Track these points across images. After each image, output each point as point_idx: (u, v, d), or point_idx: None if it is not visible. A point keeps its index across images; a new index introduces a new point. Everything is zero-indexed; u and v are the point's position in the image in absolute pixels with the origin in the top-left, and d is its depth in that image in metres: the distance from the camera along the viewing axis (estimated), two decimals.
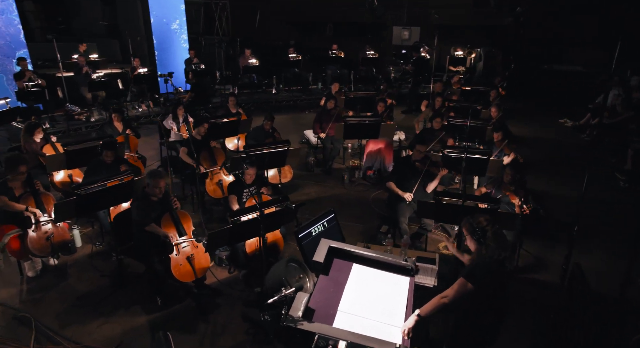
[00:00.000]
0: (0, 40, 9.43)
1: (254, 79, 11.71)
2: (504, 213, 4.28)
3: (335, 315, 2.61)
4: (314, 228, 3.34)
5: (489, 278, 2.64)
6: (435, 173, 5.00)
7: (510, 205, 4.74)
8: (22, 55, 9.48)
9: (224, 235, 3.75)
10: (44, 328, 3.95)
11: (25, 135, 5.59)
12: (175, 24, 11.82)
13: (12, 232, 4.34)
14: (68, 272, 4.76)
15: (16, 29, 9.60)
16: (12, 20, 9.52)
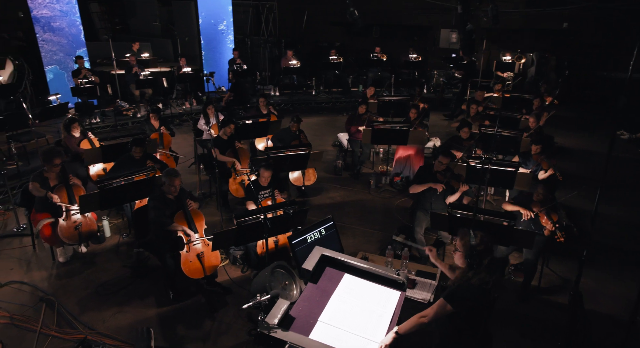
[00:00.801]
0: (63, 39, 10.17)
1: (294, 80, 11.83)
2: (520, 231, 4.06)
3: (315, 325, 2.60)
4: (309, 235, 3.34)
5: (471, 302, 2.52)
6: (455, 187, 4.82)
7: (536, 226, 4.47)
8: (81, 53, 10.19)
9: (230, 235, 3.84)
10: (65, 312, 4.23)
11: (64, 130, 6.00)
12: (222, 25, 12.19)
13: (45, 219, 4.68)
14: (94, 260, 5.06)
15: (77, 29, 10.30)
16: (75, 21, 10.23)
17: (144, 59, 11.14)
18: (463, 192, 4.77)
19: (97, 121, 9.31)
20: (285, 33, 14.31)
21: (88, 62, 10.30)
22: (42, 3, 9.67)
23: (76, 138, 6.10)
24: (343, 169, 7.50)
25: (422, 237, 4.88)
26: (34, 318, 4.15)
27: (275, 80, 12.46)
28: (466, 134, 6.27)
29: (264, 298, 2.44)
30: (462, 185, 4.75)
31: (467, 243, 2.59)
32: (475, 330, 2.65)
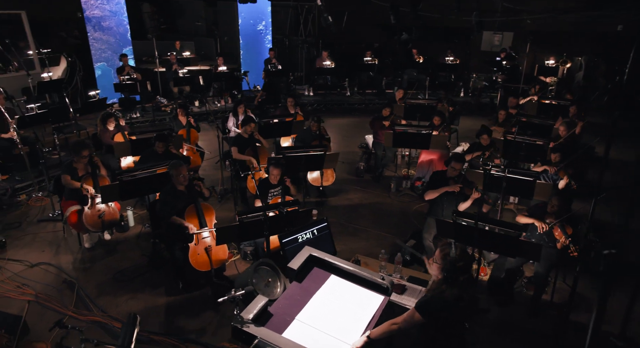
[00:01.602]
0: (112, 38, 10.78)
1: (328, 81, 11.91)
2: (527, 242, 3.92)
3: (291, 324, 2.66)
4: (301, 234, 3.40)
5: (441, 315, 2.48)
6: (468, 194, 4.71)
7: (550, 238, 4.30)
8: (126, 52, 10.76)
9: (232, 231, 3.97)
10: (84, 295, 4.54)
11: (100, 123, 6.39)
12: (261, 25, 12.47)
13: (72, 207, 5.02)
14: (117, 248, 5.38)
15: (125, 28, 10.89)
16: (122, 21, 10.82)
17: (184, 57, 11.60)
18: (475, 199, 4.65)
19: (137, 116, 9.81)
20: (324, 34, 14.40)
21: (132, 60, 10.86)
22: (94, 4, 10.29)
23: (110, 131, 6.47)
24: (365, 171, 7.49)
25: (430, 243, 4.81)
26: (56, 298, 4.48)
27: (310, 81, 12.59)
28: (486, 140, 6.10)
29: (238, 293, 2.53)
30: (475, 192, 4.63)
31: (446, 256, 2.54)
32: (449, 341, 2.61)
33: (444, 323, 2.53)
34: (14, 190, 6.49)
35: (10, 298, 4.46)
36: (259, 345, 2.35)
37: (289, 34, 14.12)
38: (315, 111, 11.51)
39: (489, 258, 5.05)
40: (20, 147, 6.40)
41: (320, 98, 11.76)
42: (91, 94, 7.59)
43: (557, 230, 4.20)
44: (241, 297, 2.52)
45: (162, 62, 10.83)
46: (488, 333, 4.13)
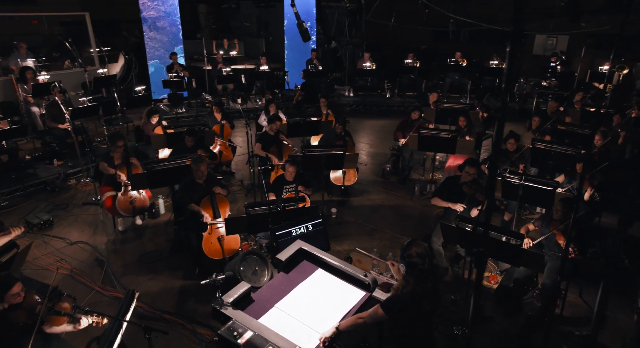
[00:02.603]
0: (165, 37, 11.48)
1: (368, 82, 11.96)
2: (528, 251, 3.84)
3: (269, 310, 2.83)
4: (295, 229, 3.55)
5: (403, 312, 2.54)
6: (480, 200, 4.66)
7: (557, 246, 4.19)
8: (178, 50, 11.42)
9: (241, 222, 4.20)
10: (111, 273, 4.97)
11: (145, 117, 6.90)
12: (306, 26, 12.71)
13: (108, 192, 5.49)
14: (145, 232, 5.81)
15: (177, 28, 11.55)
16: (175, 21, 11.49)
17: (231, 56, 12.10)
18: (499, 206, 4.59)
19: (183, 111, 10.40)
20: (370, 35, 14.43)
21: (182, 58, 11.49)
22: (150, 5, 11.01)
23: (152, 125, 6.96)
24: (392, 173, 7.51)
25: (439, 247, 4.80)
26: (87, 274, 4.94)
27: (352, 82, 12.69)
28: (512, 146, 5.94)
29: (219, 277, 2.74)
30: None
31: (401, 257, 2.61)
32: (415, 336, 2.67)
33: (408, 320, 2.60)
34: (66, 175, 7.15)
35: (49, 271, 4.98)
36: (233, 326, 2.54)
37: (334, 35, 14.31)
38: (354, 112, 11.62)
39: (502, 267, 4.95)
40: (73, 136, 7.04)
41: (359, 99, 11.84)
42: (137, 90, 8.17)
43: (561, 237, 4.08)
44: (221, 281, 2.73)
45: (210, 60, 11.39)
46: (487, 342, 4.09)
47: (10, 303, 2.98)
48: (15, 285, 2.94)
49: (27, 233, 5.61)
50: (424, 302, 2.54)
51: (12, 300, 2.97)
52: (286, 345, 2.44)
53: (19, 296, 2.98)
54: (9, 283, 2.94)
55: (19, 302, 3.00)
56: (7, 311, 3.00)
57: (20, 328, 2.98)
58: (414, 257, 2.53)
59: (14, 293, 2.94)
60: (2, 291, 2.91)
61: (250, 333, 2.50)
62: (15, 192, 6.63)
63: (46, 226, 5.81)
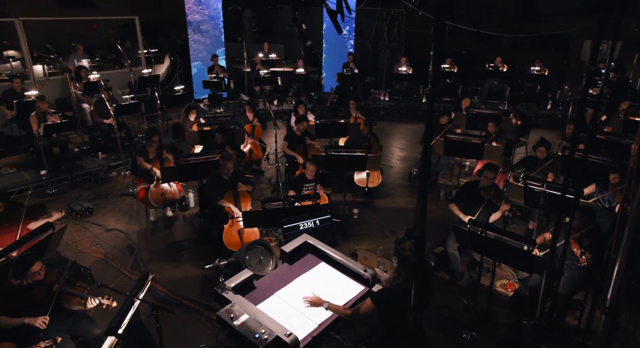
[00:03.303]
0: (208, 40, 12.00)
1: (404, 86, 11.94)
2: (536, 257, 3.77)
3: (268, 298, 2.98)
4: (303, 223, 3.68)
5: (397, 304, 2.61)
6: (497, 205, 4.60)
7: (574, 256, 4.08)
8: (220, 53, 11.90)
9: (258, 216, 4.39)
10: (139, 259, 5.30)
11: (183, 114, 7.29)
12: (344, 30, 12.87)
13: (142, 184, 5.86)
14: (175, 223, 6.14)
15: (220, 31, 12.04)
16: (218, 24, 11.98)
17: (270, 59, 12.44)
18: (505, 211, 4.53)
19: (221, 111, 10.81)
20: (410, 40, 14.38)
21: (224, 60, 11.96)
22: (195, 9, 11.55)
23: (190, 122, 7.34)
24: (418, 177, 7.48)
25: (455, 251, 4.78)
26: (118, 259, 5.30)
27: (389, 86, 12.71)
28: (542, 153, 5.79)
29: (221, 263, 2.91)
30: (504, 203, 4.51)
31: (394, 250, 2.69)
32: (405, 330, 2.72)
33: (398, 312, 2.66)
34: (108, 167, 7.66)
35: (86, 254, 5.39)
36: (231, 309, 2.71)
37: (373, 39, 14.37)
38: (388, 116, 11.65)
39: (520, 275, 4.86)
40: (116, 131, 7.53)
41: (394, 103, 11.84)
42: (176, 89, 8.62)
43: (575, 245, 3.97)
44: (223, 266, 2.91)
45: (250, 62, 11.78)
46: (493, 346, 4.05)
47: (32, 280, 3.30)
48: (35, 264, 3.25)
49: (69, 219, 6.09)
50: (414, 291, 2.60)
51: (34, 278, 3.28)
52: (278, 329, 2.58)
53: (39, 274, 3.28)
54: (31, 261, 3.26)
55: (39, 279, 3.31)
56: (29, 287, 3.32)
57: (40, 303, 3.28)
58: (407, 250, 2.61)
59: (34, 271, 3.25)
60: (24, 269, 3.23)
61: (246, 317, 2.65)
62: (63, 181, 7.19)
63: (87, 213, 6.27)
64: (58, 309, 3.41)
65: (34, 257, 3.32)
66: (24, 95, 7.76)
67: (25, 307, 3.26)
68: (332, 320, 2.84)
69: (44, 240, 3.86)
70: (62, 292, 3.31)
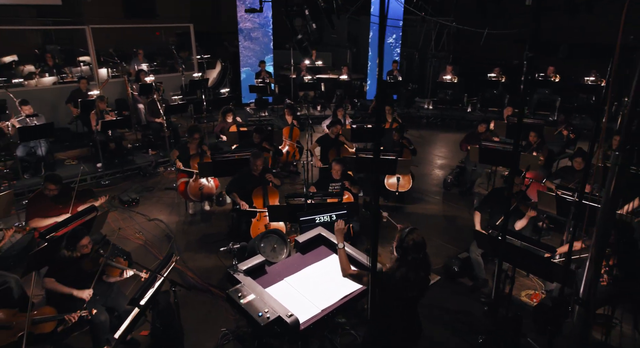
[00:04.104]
0: (257, 47, 12.51)
1: (448, 95, 11.80)
2: (554, 264, 3.67)
3: (278, 282, 3.15)
4: (319, 217, 3.80)
5: (391, 290, 2.67)
6: (523, 212, 4.51)
7: None
8: (268, 59, 12.36)
9: (282, 210, 4.58)
10: (175, 247, 5.66)
11: (221, 115, 7.69)
12: (391, 38, 12.97)
13: (182, 179, 6.25)
14: (211, 217, 6.48)
15: (269, 38, 12.51)
16: (268, 32, 12.46)
17: (316, 66, 12.75)
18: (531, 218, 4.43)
19: (266, 115, 11.21)
20: (459, 49, 14.20)
21: (271, 67, 12.41)
22: (247, 18, 12.09)
23: (228, 123, 7.73)
24: (455, 184, 7.41)
25: (478, 257, 4.72)
26: (157, 246, 5.69)
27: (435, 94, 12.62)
28: (579, 164, 5.57)
29: (234, 246, 3.11)
30: (530, 210, 4.42)
31: (398, 240, 2.75)
32: (400, 320, 2.78)
33: (392, 301, 2.72)
34: (156, 163, 8.20)
35: (128, 239, 5.83)
36: (240, 289, 2.90)
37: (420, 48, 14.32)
38: (431, 125, 11.56)
39: (548, 287, 4.71)
40: (165, 130, 8.06)
41: (438, 112, 11.73)
42: (222, 92, 9.08)
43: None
44: (236, 249, 3.11)
45: (296, 69, 12.14)
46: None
47: (80, 253, 3.67)
48: (84, 238, 3.62)
49: (117, 208, 6.61)
50: (411, 287, 2.66)
51: (82, 250, 3.65)
52: (281, 310, 2.73)
53: (86, 247, 3.65)
54: (80, 236, 3.63)
55: (86, 252, 3.67)
56: (78, 259, 3.69)
57: (86, 274, 3.65)
58: (410, 244, 2.67)
59: (82, 244, 3.62)
60: (75, 241, 3.61)
61: (252, 297, 2.83)
62: (116, 174, 7.79)
63: (133, 203, 6.77)
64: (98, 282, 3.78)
65: (84, 231, 3.70)
66: (88, 95, 8.51)
67: (73, 276, 3.63)
68: (336, 307, 2.95)
69: (88, 221, 4.27)
70: (105, 265, 3.66)
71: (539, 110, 11.31)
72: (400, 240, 2.72)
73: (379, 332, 2.78)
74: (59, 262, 3.65)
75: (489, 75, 11.01)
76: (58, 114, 8.98)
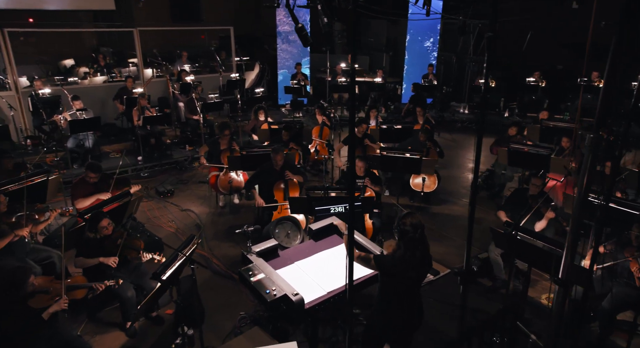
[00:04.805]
0: (294, 50, 12.82)
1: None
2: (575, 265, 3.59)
3: (288, 265, 3.31)
4: (334, 207, 3.92)
5: (393, 271, 2.76)
6: (543, 213, 4.45)
7: (629, 273, 3.82)
8: (305, 62, 12.65)
9: (303, 202, 4.74)
10: (204, 236, 5.95)
11: (253, 113, 7.97)
12: (428, 42, 12.93)
13: (213, 172, 6.56)
14: (240, 210, 6.74)
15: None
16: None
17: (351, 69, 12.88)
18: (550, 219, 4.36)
19: (300, 115, 11.46)
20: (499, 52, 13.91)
21: (308, 69, 12.67)
22: (285, 21, 12.44)
23: (260, 121, 8.00)
24: (482, 187, 7.32)
25: (497, 257, 4.69)
26: (187, 234, 5.99)
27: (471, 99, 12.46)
28: (610, 169, 5.37)
29: (249, 229, 3.30)
30: (549, 211, 4.35)
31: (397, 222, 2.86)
32: (401, 300, 2.88)
33: (396, 283, 2.82)
34: (192, 158, 8.60)
35: (161, 227, 6.17)
36: (251, 268, 3.08)
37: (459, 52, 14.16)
38: (465, 129, 11.39)
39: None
40: (202, 127, 8.44)
41: (473, 116, 11.56)
42: (256, 91, 9.41)
43: (635, 265, 3.70)
44: (250, 232, 3.29)
45: (332, 72, 12.33)
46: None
47: (102, 234, 3.98)
48: (103, 220, 3.93)
49: (152, 198, 7.01)
50: (410, 267, 2.76)
51: (102, 232, 3.96)
52: (287, 288, 2.88)
53: (106, 229, 3.96)
54: (100, 217, 3.94)
55: (107, 234, 3.98)
56: (101, 240, 4.00)
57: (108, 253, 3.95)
58: (407, 226, 2.78)
59: (102, 226, 3.93)
60: (95, 223, 3.92)
61: (262, 275, 3.00)
62: (154, 167, 8.24)
63: (168, 195, 7.15)
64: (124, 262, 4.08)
65: (103, 214, 4.02)
66: (132, 92, 9.05)
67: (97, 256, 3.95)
68: (342, 290, 3.07)
69: (122, 205, 4.60)
70: (124, 246, 3.95)
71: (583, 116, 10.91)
72: (398, 223, 2.84)
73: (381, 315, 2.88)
74: (85, 242, 3.97)
75: (528, 80, 10.76)
76: (106, 110, 9.59)
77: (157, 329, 4.29)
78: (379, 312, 2.91)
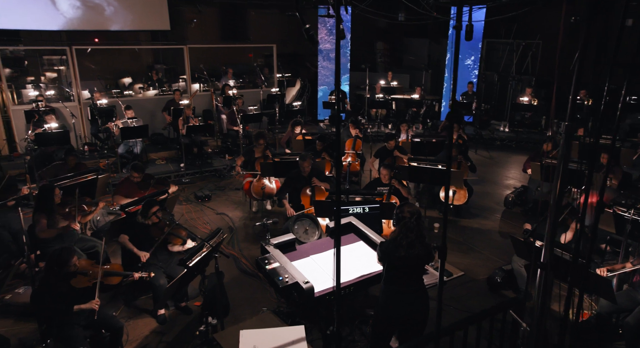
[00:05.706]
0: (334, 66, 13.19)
1: (525, 118, 11.39)
2: (596, 276, 3.53)
3: (304, 258, 3.48)
4: (353, 207, 4.06)
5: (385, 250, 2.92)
6: (569, 224, 4.37)
7: None
8: (344, 79, 12.97)
9: (327, 206, 4.92)
10: (235, 237, 6.24)
11: (290, 126, 8.30)
12: (469, 60, 12.92)
13: (248, 178, 6.88)
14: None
15: (346, 59, 13.14)
16: (346, 53, 13.10)
17: (392, 86, 13.08)
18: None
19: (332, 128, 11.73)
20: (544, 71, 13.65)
21: (347, 86, 12.98)
22: (326, 39, 12.87)
23: (295, 133, 8.31)
24: (515, 203, 7.19)
25: (520, 268, 4.62)
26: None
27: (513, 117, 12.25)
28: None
29: (268, 222, 3.50)
30: (575, 222, 4.27)
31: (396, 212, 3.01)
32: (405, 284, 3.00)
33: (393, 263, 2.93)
34: (230, 167, 9.01)
35: (197, 228, 6.53)
36: (267, 258, 3.28)
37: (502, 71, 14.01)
38: (505, 147, 11.21)
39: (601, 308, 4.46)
40: (241, 137, 8.86)
41: (514, 135, 11.35)
42: (294, 105, 9.76)
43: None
44: (269, 225, 3.50)
45: (371, 89, 12.57)
46: None
47: (151, 221, 4.34)
48: (154, 206, 4.29)
49: (191, 201, 7.42)
50: (400, 247, 2.90)
51: (152, 218, 4.32)
52: (299, 277, 3.05)
53: (155, 216, 4.31)
54: (153, 204, 4.31)
55: (155, 221, 4.33)
56: (150, 226, 4.36)
57: (152, 240, 4.29)
58: (405, 212, 2.94)
59: (153, 212, 4.29)
60: (148, 208, 4.29)
61: (277, 264, 3.19)
62: (195, 173, 8.72)
63: (206, 199, 7.54)
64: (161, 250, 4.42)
65: (154, 201, 4.40)
66: (179, 104, 9.67)
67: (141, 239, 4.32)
68: (352, 283, 3.20)
69: (161, 200, 4.98)
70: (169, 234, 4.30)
71: (632, 136, 10.46)
72: (397, 212, 2.99)
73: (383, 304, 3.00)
74: (134, 225, 4.36)
75: None
76: (155, 121, 10.28)
77: (185, 318, 4.56)
78: (381, 301, 3.02)
